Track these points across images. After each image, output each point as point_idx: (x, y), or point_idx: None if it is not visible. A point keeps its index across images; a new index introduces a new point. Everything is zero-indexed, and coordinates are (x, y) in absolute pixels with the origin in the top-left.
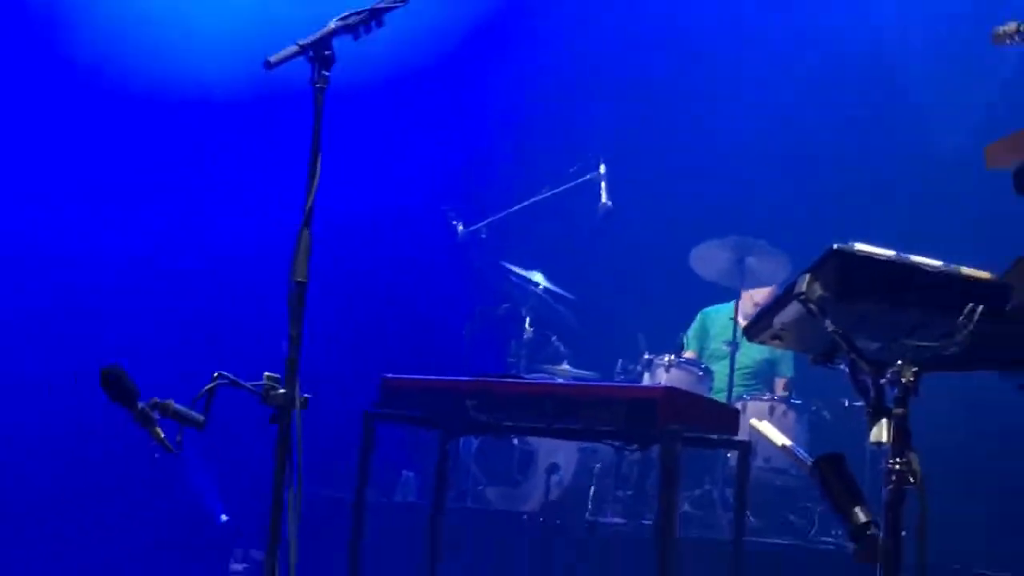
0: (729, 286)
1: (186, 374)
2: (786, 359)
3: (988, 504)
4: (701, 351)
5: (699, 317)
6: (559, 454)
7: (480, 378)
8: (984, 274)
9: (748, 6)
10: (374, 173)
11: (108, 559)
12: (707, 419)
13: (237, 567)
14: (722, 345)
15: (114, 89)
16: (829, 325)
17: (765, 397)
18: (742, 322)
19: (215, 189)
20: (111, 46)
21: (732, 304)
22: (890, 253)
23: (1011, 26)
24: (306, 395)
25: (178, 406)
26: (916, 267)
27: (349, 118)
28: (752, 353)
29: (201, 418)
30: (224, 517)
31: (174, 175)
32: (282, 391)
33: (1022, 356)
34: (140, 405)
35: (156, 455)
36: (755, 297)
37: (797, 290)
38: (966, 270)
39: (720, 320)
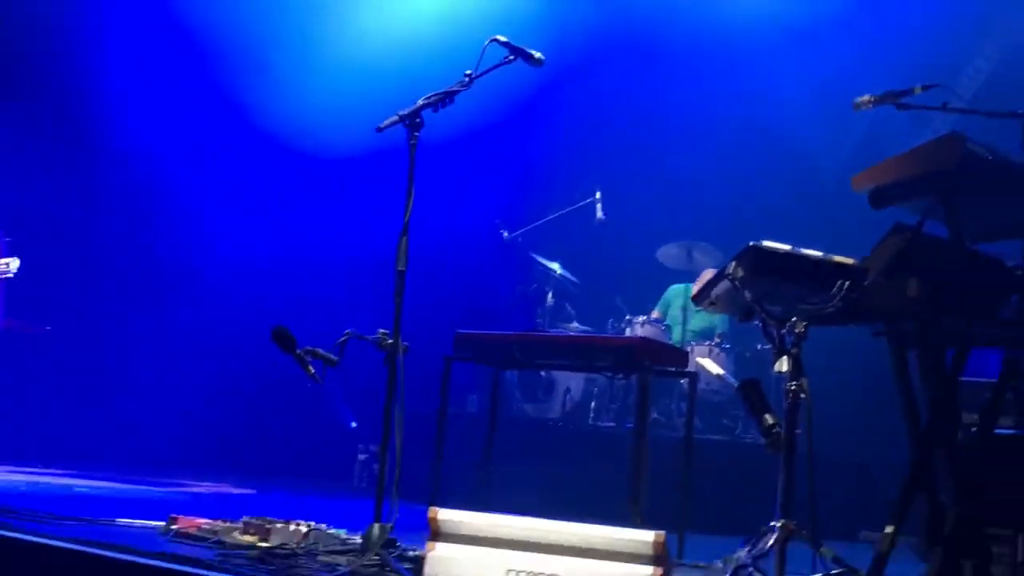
0: (681, 270)
1: (328, 331)
2: (721, 320)
3: (859, 415)
4: (665, 314)
5: (666, 291)
6: (571, 381)
7: (519, 332)
8: (850, 260)
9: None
10: (448, 199)
11: (281, 453)
12: (668, 358)
13: (361, 456)
14: (678, 311)
15: (296, 149)
16: (747, 295)
17: (706, 344)
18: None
19: (345, 213)
20: (290, 119)
21: (689, 284)
22: (787, 247)
23: (866, 97)
24: (406, 344)
25: (322, 351)
26: (803, 256)
27: (432, 162)
28: (699, 316)
29: (336, 359)
30: (353, 424)
31: (316, 201)
32: (390, 341)
33: (876, 315)
34: (297, 351)
35: (309, 384)
36: (703, 278)
37: (726, 272)
38: (838, 258)
39: (679, 294)
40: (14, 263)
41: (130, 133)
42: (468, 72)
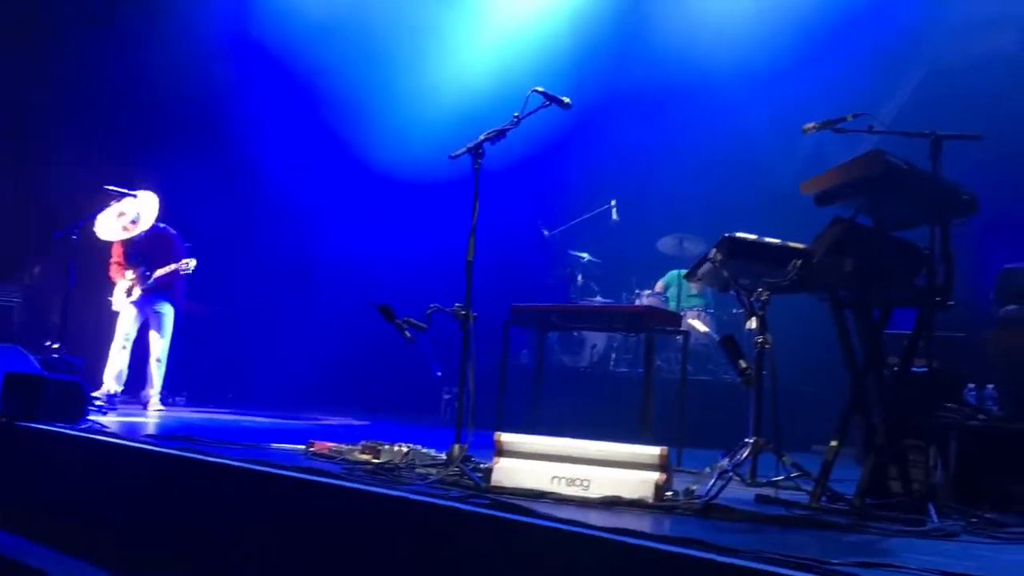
0: (675, 256)
1: (419, 304)
2: (707, 293)
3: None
4: (666, 289)
5: (667, 274)
6: (596, 339)
7: (558, 304)
8: (801, 245)
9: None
10: (504, 207)
11: (388, 395)
12: (667, 321)
13: (445, 396)
14: (675, 288)
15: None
16: (725, 273)
17: (695, 310)
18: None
19: (430, 220)
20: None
21: (682, 270)
22: (754, 237)
23: (811, 124)
24: (475, 314)
25: (414, 321)
26: (766, 243)
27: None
28: (689, 290)
29: (425, 326)
30: (439, 373)
31: (407, 212)
32: (463, 312)
33: (821, 286)
34: (397, 320)
35: (405, 345)
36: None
37: (709, 256)
38: (792, 244)
39: (675, 277)
40: (192, 263)
41: (272, 162)
42: (516, 114)
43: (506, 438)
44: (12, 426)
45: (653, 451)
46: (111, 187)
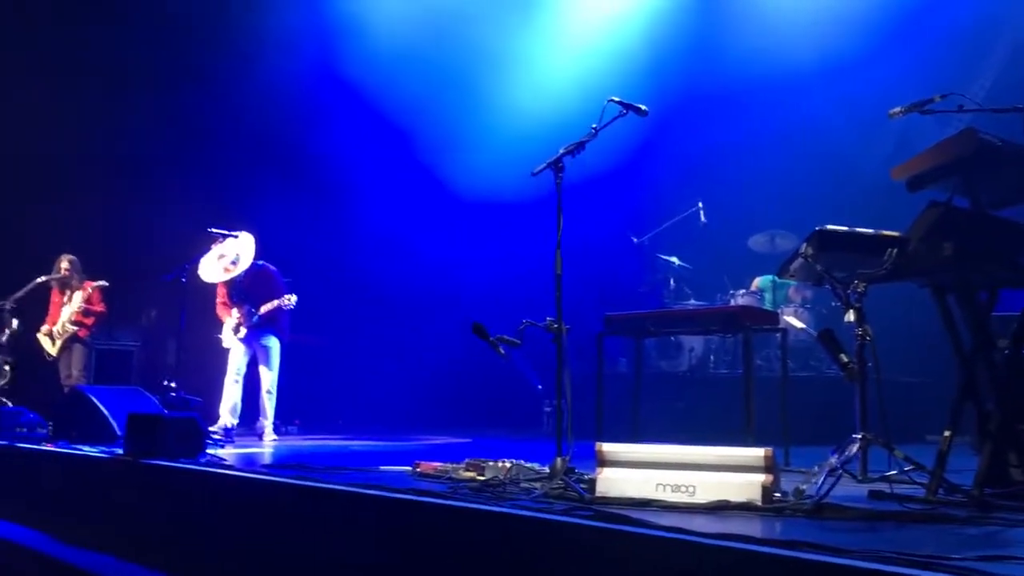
0: (767, 253)
1: (514, 321)
2: (804, 293)
3: (915, 348)
4: (762, 292)
5: (763, 278)
6: (693, 342)
7: (652, 310)
8: (895, 233)
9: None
10: (590, 219)
11: (489, 411)
12: (762, 319)
13: (547, 409)
14: (770, 291)
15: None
16: (817, 267)
17: (791, 307)
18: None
19: (517, 238)
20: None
21: (774, 276)
22: (844, 228)
23: (898, 109)
24: (568, 326)
25: (507, 337)
26: (859, 233)
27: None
28: (783, 291)
29: (518, 342)
30: (539, 386)
31: (494, 231)
32: (555, 325)
33: (920, 272)
34: (490, 338)
35: (501, 361)
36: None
37: (800, 251)
38: (886, 232)
39: (768, 281)
40: (293, 298)
41: (361, 193)
42: (593, 126)
43: (607, 448)
44: (136, 463)
45: (758, 452)
46: (214, 229)
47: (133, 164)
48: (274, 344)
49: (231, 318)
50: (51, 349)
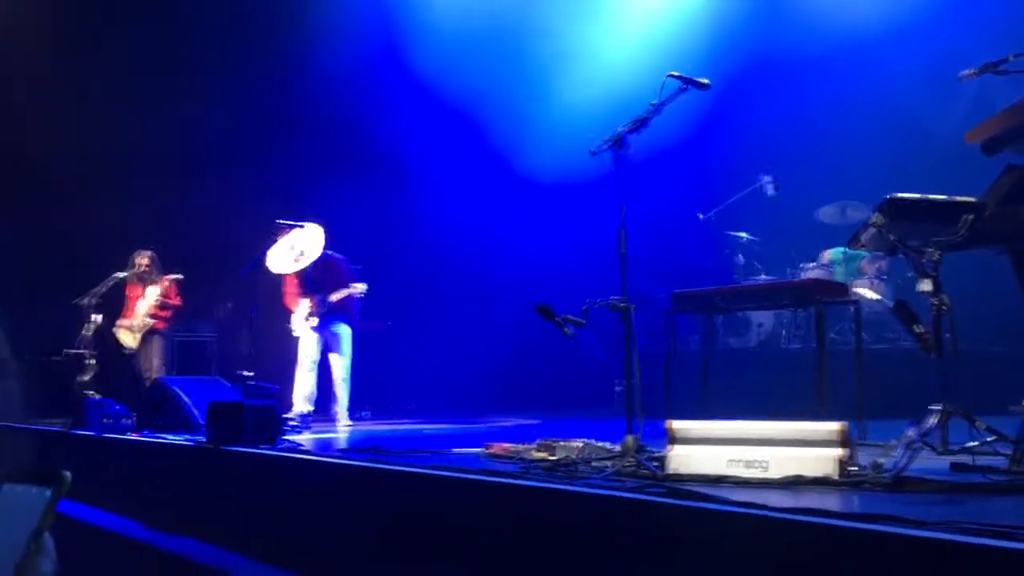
0: (837, 225)
1: (581, 302)
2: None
3: (992, 317)
4: (833, 264)
5: (833, 250)
6: (762, 318)
7: (720, 286)
8: (971, 199)
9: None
10: (655, 196)
11: (559, 392)
12: (834, 292)
13: (617, 388)
14: (842, 263)
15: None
16: (890, 236)
17: (865, 278)
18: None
19: (582, 218)
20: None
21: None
22: (917, 196)
23: (969, 71)
24: (633, 305)
25: (572, 317)
26: (932, 200)
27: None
28: (857, 260)
29: (583, 321)
30: (600, 355)
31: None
32: (623, 304)
33: (996, 239)
34: (556, 319)
35: (569, 341)
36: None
37: (871, 221)
38: (961, 198)
39: (838, 254)
40: (363, 287)
41: (425, 178)
42: (653, 102)
43: (678, 425)
44: (219, 451)
45: (832, 426)
46: (282, 220)
47: (203, 158)
48: (345, 332)
49: (301, 308)
50: (130, 342)
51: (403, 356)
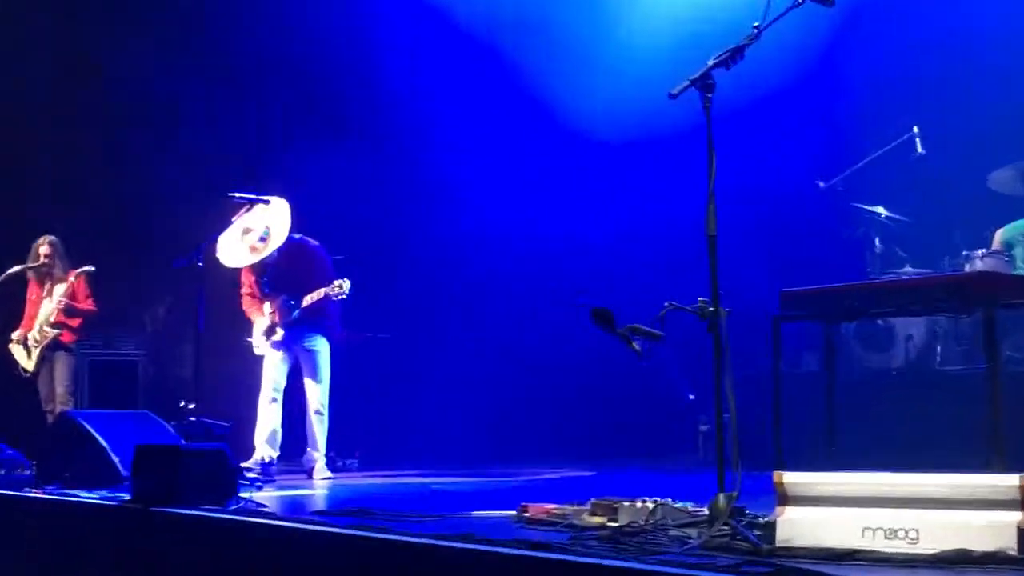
0: (1018, 196)
1: (649, 304)
2: None
3: None
4: (1009, 247)
5: (1010, 226)
6: (912, 327)
7: (848, 283)
8: None
9: None
10: (754, 159)
11: (618, 432)
12: (1012, 289)
13: (703, 427)
14: (1021, 247)
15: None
16: None
17: None
18: None
19: (647, 190)
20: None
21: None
22: None
23: None
24: (727, 309)
25: (644, 327)
26: None
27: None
28: None
29: (659, 334)
30: (691, 396)
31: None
32: (711, 309)
33: None
34: (619, 330)
35: (637, 362)
36: None
37: None
38: None
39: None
40: (346, 284)
41: (436, 139)
42: (755, 24)
43: (791, 478)
44: (148, 513)
45: (1010, 481)
46: (236, 194)
47: (127, 110)
48: (322, 347)
49: (263, 315)
50: (26, 363)
51: (403, 381)
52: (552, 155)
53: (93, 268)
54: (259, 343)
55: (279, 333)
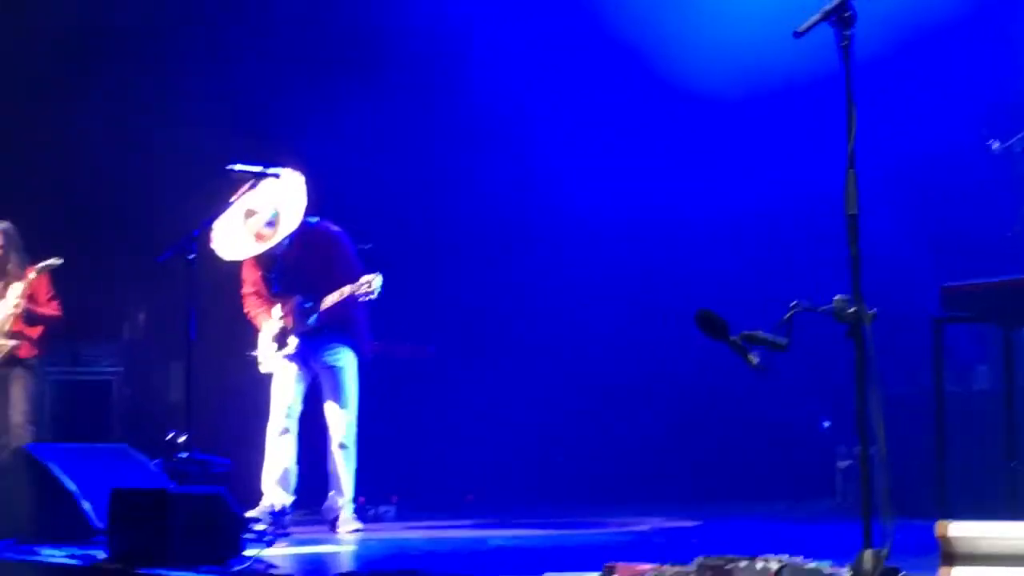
0: None
1: (764, 306)
2: None
3: None
4: None
5: None
6: None
7: None
8: None
9: None
10: (900, 118)
11: (729, 469)
12: None
13: (843, 464)
14: None
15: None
16: None
17: None
18: None
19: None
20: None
21: None
22: None
23: None
24: (873, 310)
25: (764, 334)
26: None
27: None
28: None
29: (785, 341)
30: (826, 423)
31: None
32: (852, 309)
33: None
34: (732, 337)
35: (754, 378)
36: None
37: None
38: None
39: None
40: (376, 281)
41: (496, 90)
42: None
43: (959, 530)
44: (128, 575)
45: None
46: (237, 166)
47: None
48: (347, 362)
49: (271, 320)
50: None
51: (453, 406)
52: (640, 113)
53: (60, 261)
54: (267, 357)
55: (292, 344)
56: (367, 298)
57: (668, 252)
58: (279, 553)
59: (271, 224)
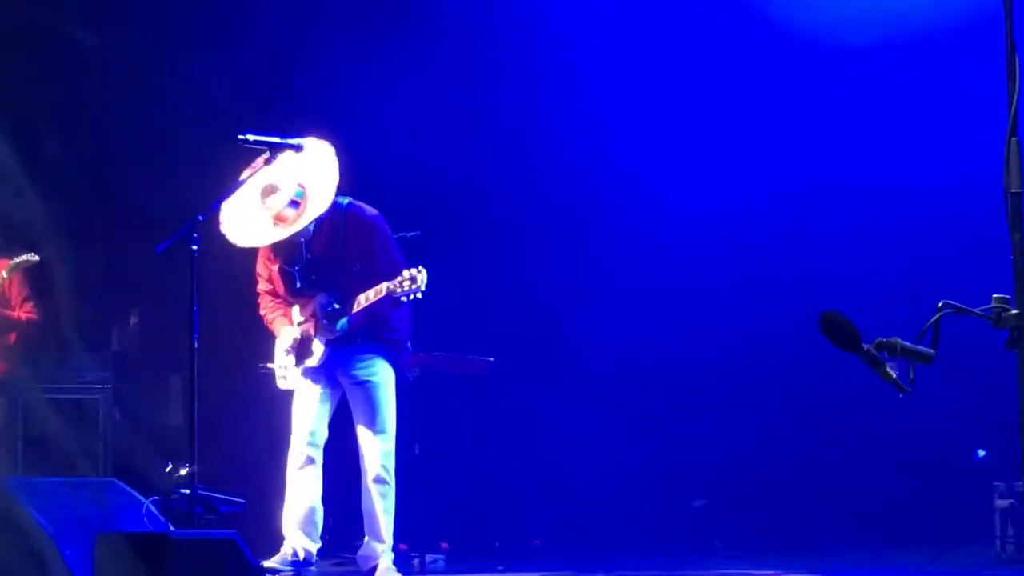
0: None
1: (905, 308)
2: None
3: None
4: None
5: None
6: None
7: None
8: None
9: None
10: None
11: (861, 509)
12: None
13: (1002, 503)
14: None
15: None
16: None
17: None
18: None
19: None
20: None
21: None
22: None
23: None
24: None
25: (904, 343)
26: None
27: None
28: None
29: (931, 352)
30: (981, 452)
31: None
32: (1014, 312)
33: None
34: (865, 347)
35: (892, 395)
36: None
37: None
38: None
39: None
40: (421, 276)
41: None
42: None
43: None
44: None
45: None
46: (249, 135)
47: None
48: (384, 376)
49: (292, 325)
50: None
51: (517, 431)
52: (762, 68)
53: (35, 258)
54: (286, 370)
55: (317, 354)
56: (410, 298)
57: (777, 246)
58: None
59: (295, 204)
